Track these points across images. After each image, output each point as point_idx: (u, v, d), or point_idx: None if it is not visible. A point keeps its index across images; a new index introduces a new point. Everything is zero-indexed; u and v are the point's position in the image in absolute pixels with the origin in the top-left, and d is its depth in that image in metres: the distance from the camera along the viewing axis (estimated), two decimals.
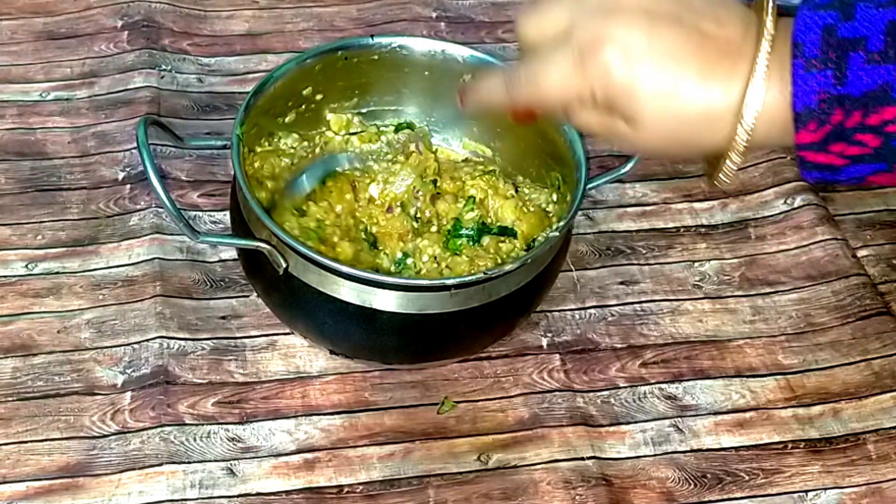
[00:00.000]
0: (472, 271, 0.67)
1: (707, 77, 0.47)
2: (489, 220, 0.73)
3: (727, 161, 0.48)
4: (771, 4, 0.47)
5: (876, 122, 0.44)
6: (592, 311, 0.77)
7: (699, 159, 0.51)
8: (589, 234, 0.82)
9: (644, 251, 0.82)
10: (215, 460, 0.66)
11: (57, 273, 0.76)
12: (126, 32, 0.96)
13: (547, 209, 0.73)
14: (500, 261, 0.69)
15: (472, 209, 0.73)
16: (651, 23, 0.47)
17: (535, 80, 0.51)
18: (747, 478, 0.68)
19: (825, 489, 0.67)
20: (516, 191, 0.74)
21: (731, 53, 0.47)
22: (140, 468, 0.65)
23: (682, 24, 0.48)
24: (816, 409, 0.72)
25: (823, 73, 0.44)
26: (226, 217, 0.79)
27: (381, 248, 0.72)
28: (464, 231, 0.72)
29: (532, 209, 0.72)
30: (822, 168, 0.47)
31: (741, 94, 0.46)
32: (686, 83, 0.47)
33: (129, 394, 0.69)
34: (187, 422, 0.67)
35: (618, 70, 0.47)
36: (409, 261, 0.71)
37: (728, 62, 0.47)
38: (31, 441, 0.66)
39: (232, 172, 0.69)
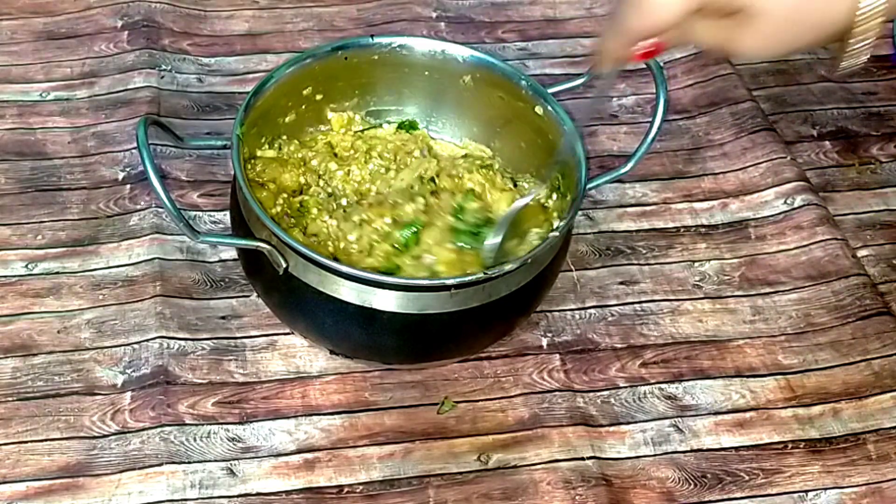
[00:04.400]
0: (468, 270, 0.67)
1: None
2: (490, 215, 0.72)
3: (854, 37, 0.47)
4: None
5: None
6: (592, 311, 0.77)
7: (821, 45, 0.50)
8: (589, 234, 0.83)
9: (644, 251, 0.82)
10: (215, 460, 0.66)
11: (57, 273, 0.76)
12: (126, 32, 0.96)
13: (545, 204, 0.73)
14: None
15: (472, 201, 0.73)
16: None
17: (643, 11, 0.50)
18: (747, 478, 0.68)
19: (825, 489, 0.67)
20: (515, 185, 0.74)
21: None
22: (140, 468, 0.65)
23: None
24: (816, 409, 0.72)
25: None
26: (226, 217, 0.79)
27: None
28: (463, 225, 0.71)
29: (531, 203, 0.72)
30: None
31: None
32: None
33: (129, 394, 0.69)
34: (187, 422, 0.67)
35: None
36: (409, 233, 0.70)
37: None
38: (31, 441, 0.66)
39: (232, 172, 0.69)
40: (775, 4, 0.47)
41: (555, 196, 0.73)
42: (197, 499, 0.64)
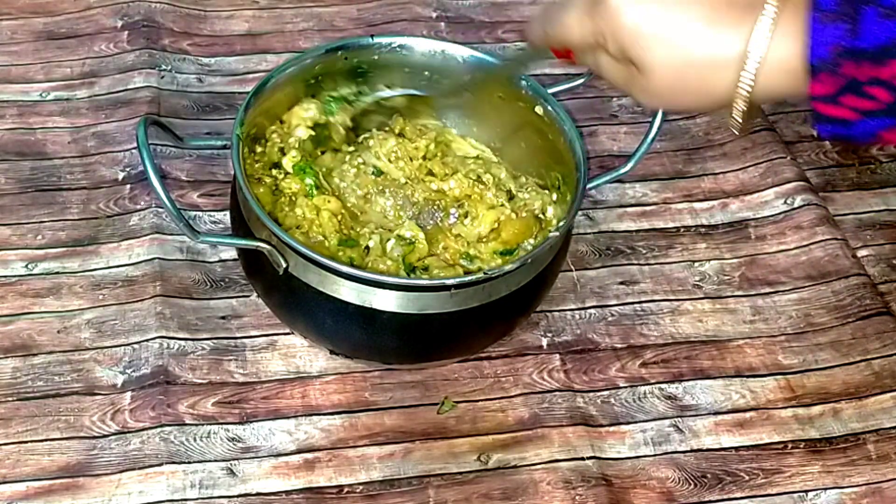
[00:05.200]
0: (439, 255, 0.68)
1: (714, 22, 0.47)
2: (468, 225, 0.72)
3: (734, 109, 0.49)
4: None
5: (888, 76, 0.45)
6: (592, 311, 0.77)
7: (709, 110, 0.52)
8: (589, 234, 0.82)
9: (644, 251, 0.82)
10: (215, 460, 0.66)
11: (57, 273, 0.76)
12: (126, 32, 0.96)
13: (540, 215, 0.71)
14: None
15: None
16: None
17: (558, 22, 0.53)
18: (747, 478, 0.68)
19: (825, 489, 0.67)
20: (510, 198, 0.72)
21: (741, 4, 0.47)
22: (140, 468, 0.65)
23: None
24: (816, 409, 0.72)
25: (837, 25, 0.44)
26: (226, 217, 0.79)
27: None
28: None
29: (523, 214, 0.72)
30: (835, 122, 0.47)
31: (748, 42, 0.47)
32: (692, 26, 0.48)
33: (129, 394, 0.69)
34: (187, 422, 0.67)
35: (625, 12, 0.48)
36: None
37: (738, 11, 0.47)
38: (31, 441, 0.66)
39: (232, 172, 0.69)
40: (660, 67, 0.49)
41: (555, 196, 0.73)
42: (197, 499, 0.64)
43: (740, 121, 0.50)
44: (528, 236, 0.70)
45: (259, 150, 0.72)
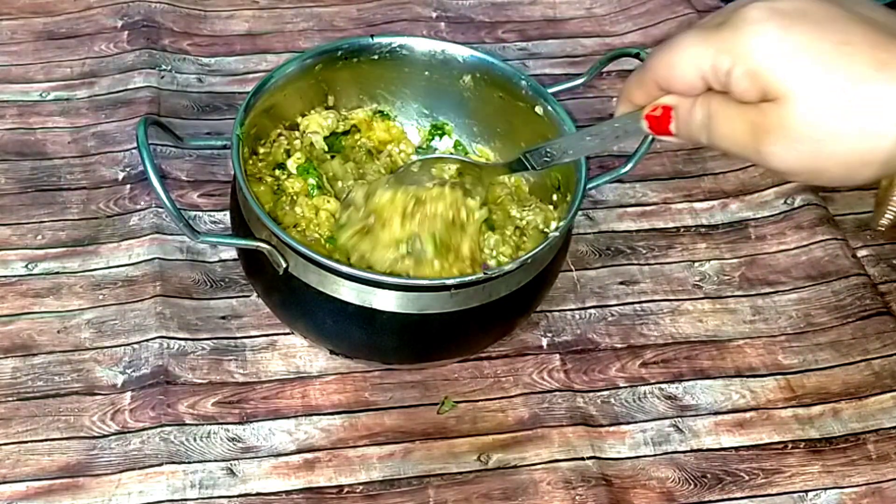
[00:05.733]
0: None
1: (879, 54, 0.39)
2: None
3: (891, 195, 0.41)
4: None
5: None
6: (592, 311, 0.77)
7: (859, 177, 0.41)
8: (589, 234, 0.83)
9: (644, 251, 0.82)
10: (215, 460, 0.66)
11: (57, 273, 0.76)
12: (126, 32, 0.96)
13: (545, 230, 0.71)
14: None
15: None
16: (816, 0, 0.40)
17: (668, 49, 0.44)
18: (747, 478, 0.68)
19: (825, 489, 0.67)
20: (492, 229, 0.71)
21: None
22: (140, 468, 0.65)
23: (842, 5, 0.40)
24: (816, 409, 0.72)
25: None
26: (226, 217, 0.79)
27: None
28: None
29: (530, 232, 0.71)
30: None
31: None
32: (849, 54, 0.39)
33: (129, 394, 0.69)
34: (187, 422, 0.67)
35: (766, 27, 0.40)
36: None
37: None
38: (31, 441, 0.66)
39: (232, 172, 0.69)
40: (810, 96, 0.39)
41: (555, 197, 0.73)
42: (197, 499, 0.64)
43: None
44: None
45: (263, 150, 0.72)
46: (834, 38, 0.39)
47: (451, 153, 0.73)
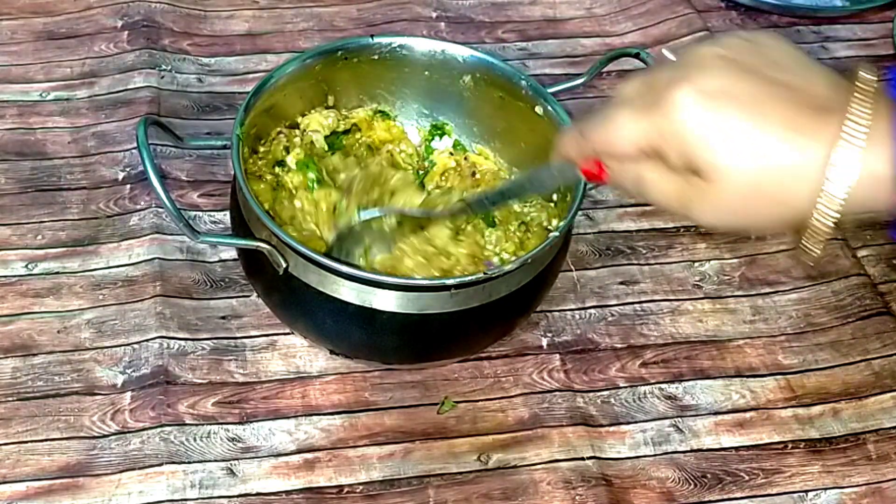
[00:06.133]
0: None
1: (793, 129, 0.43)
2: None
3: (813, 230, 0.44)
4: (865, 67, 0.44)
5: None
6: (592, 311, 0.77)
7: (781, 230, 0.46)
8: (589, 234, 0.83)
9: (644, 251, 0.82)
10: (215, 460, 0.66)
11: (57, 273, 0.76)
12: (126, 32, 0.96)
13: (548, 227, 0.71)
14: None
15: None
16: (731, 68, 0.44)
17: (604, 125, 0.47)
18: (747, 478, 0.68)
19: (825, 489, 0.67)
20: (493, 226, 0.72)
21: (821, 109, 0.43)
22: (140, 468, 0.65)
23: (765, 75, 0.44)
24: (816, 409, 0.72)
25: None
26: (226, 217, 0.79)
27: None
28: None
29: (534, 229, 0.72)
30: None
31: (829, 152, 0.42)
32: (768, 132, 0.43)
33: (129, 394, 0.69)
34: (187, 422, 0.67)
35: (693, 111, 0.43)
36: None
37: (817, 118, 0.43)
38: (31, 441, 0.66)
39: (232, 172, 0.69)
40: (734, 174, 0.43)
41: (555, 197, 0.73)
42: (197, 499, 0.64)
43: (822, 242, 0.44)
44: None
45: (262, 148, 0.72)
46: (754, 117, 0.43)
47: (389, 207, 0.71)
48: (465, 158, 0.78)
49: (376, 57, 0.75)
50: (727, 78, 0.44)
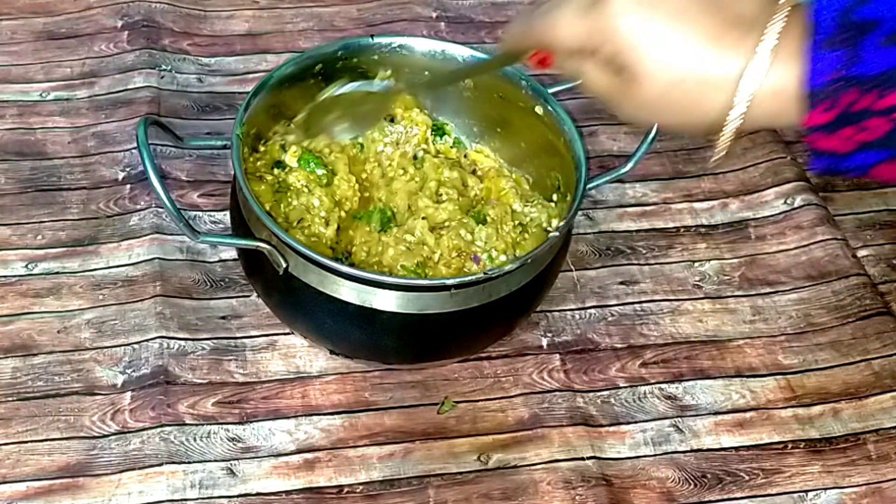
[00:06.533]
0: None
1: (714, 41, 0.46)
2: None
3: (721, 135, 0.48)
4: None
5: (886, 106, 0.44)
6: (592, 311, 0.77)
7: (697, 132, 0.51)
8: (589, 234, 0.82)
9: (644, 251, 0.82)
10: (215, 460, 0.66)
11: (57, 273, 0.76)
12: (126, 32, 0.96)
13: (548, 228, 0.71)
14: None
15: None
16: None
17: (546, 22, 0.51)
18: (747, 478, 0.68)
19: (825, 489, 0.67)
20: (483, 223, 0.72)
21: (743, 25, 0.46)
22: (140, 468, 0.65)
23: None
24: (816, 409, 0.72)
25: (837, 53, 0.44)
26: (226, 217, 0.79)
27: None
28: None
29: (533, 230, 0.72)
30: (830, 154, 0.47)
31: (744, 66, 0.46)
32: (691, 42, 0.47)
33: (129, 394, 0.69)
34: (187, 422, 0.67)
35: (626, 15, 0.47)
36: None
37: (738, 33, 0.46)
38: (31, 441, 0.66)
39: (232, 172, 0.69)
40: (653, 77, 0.47)
41: (555, 197, 0.73)
42: (197, 499, 0.64)
43: (726, 146, 0.49)
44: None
45: (262, 148, 0.72)
46: (681, 26, 0.47)
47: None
48: (465, 156, 0.78)
49: (376, 57, 0.75)
50: None
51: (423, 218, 0.70)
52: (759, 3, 0.47)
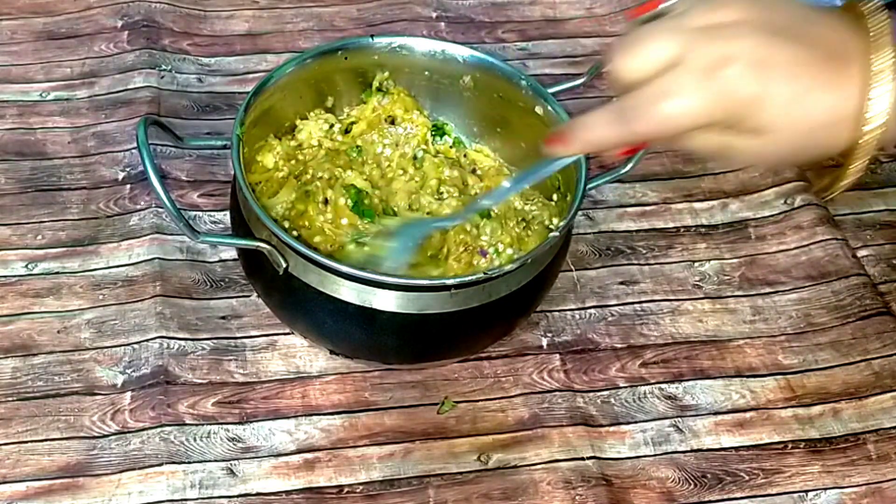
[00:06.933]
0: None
1: (831, 81, 0.48)
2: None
3: (851, 167, 0.50)
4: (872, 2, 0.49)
5: None
6: (592, 311, 0.77)
7: (816, 165, 0.54)
8: (589, 234, 0.82)
9: (644, 251, 0.82)
10: (215, 460, 0.66)
11: (57, 273, 0.76)
12: (126, 32, 0.96)
13: (550, 226, 0.71)
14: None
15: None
16: (769, 35, 0.48)
17: (655, 111, 0.49)
18: (747, 478, 0.68)
19: (825, 489, 0.67)
20: (488, 217, 0.71)
21: (839, 56, 0.48)
22: (140, 468, 0.65)
23: (796, 33, 0.48)
24: (816, 409, 0.72)
25: None
26: (226, 217, 0.79)
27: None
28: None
29: (535, 227, 0.72)
30: None
31: (861, 94, 0.47)
32: (814, 88, 0.48)
33: (129, 394, 0.69)
34: (187, 422, 0.67)
35: (746, 84, 0.47)
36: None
37: (840, 65, 0.48)
38: (31, 441, 0.66)
39: (232, 172, 0.69)
40: (789, 131, 0.49)
41: (555, 197, 0.73)
42: (197, 499, 0.64)
43: (862, 170, 0.50)
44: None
45: (293, 143, 0.73)
46: (799, 78, 0.48)
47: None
48: (465, 156, 0.78)
49: (376, 57, 0.75)
50: (768, 43, 0.48)
51: (427, 213, 0.70)
52: (834, 27, 0.49)
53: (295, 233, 0.67)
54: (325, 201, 0.69)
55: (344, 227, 0.68)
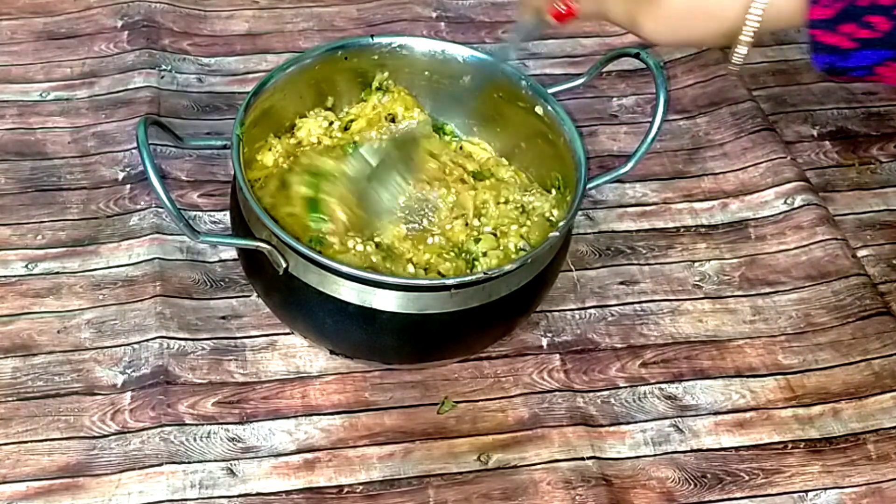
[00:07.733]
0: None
1: None
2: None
3: (738, 43, 0.53)
4: None
5: (889, 3, 0.46)
6: (592, 311, 0.77)
7: (712, 43, 0.57)
8: (589, 234, 0.82)
9: (644, 251, 0.82)
10: (215, 460, 0.66)
11: (57, 273, 0.76)
12: (126, 32, 0.96)
13: (550, 217, 0.72)
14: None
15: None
16: None
17: None
18: (747, 478, 0.68)
19: (825, 489, 0.67)
20: (523, 211, 0.73)
21: None
22: (140, 468, 0.65)
23: None
24: (816, 409, 0.72)
25: None
26: (226, 217, 0.79)
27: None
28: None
29: (535, 218, 0.72)
30: (831, 51, 0.49)
31: None
32: None
33: (129, 394, 0.69)
34: (187, 422, 0.67)
35: None
36: None
37: None
38: (31, 441, 0.66)
39: (232, 172, 0.69)
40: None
41: (554, 194, 0.73)
42: (197, 499, 0.64)
43: (744, 53, 0.53)
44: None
45: (293, 140, 0.73)
46: None
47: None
48: (461, 148, 0.77)
49: (376, 57, 0.75)
50: None
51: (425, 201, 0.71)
52: None
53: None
54: (283, 184, 0.69)
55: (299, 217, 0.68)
